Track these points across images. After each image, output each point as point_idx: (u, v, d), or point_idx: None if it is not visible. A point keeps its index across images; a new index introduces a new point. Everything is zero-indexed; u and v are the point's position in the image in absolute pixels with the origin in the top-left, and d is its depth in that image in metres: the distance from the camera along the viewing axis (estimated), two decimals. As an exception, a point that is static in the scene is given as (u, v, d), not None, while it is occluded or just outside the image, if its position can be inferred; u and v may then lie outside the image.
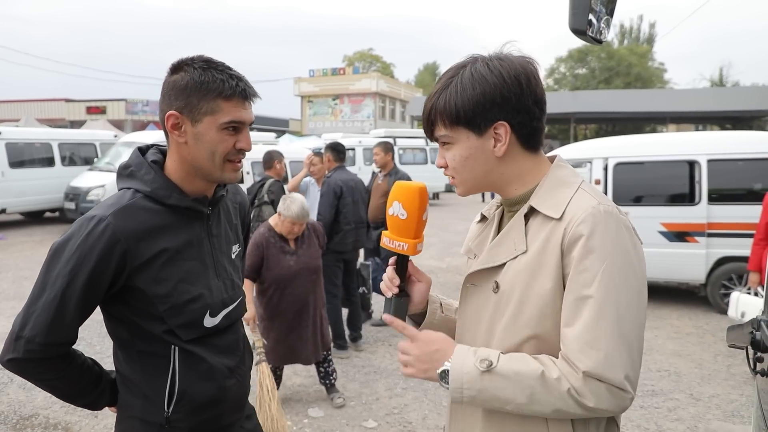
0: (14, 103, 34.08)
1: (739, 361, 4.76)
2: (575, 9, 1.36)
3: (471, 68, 1.16)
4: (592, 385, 1.03)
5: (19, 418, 3.85)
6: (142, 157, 1.45)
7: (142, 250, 1.34)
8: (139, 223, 1.34)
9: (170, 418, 1.43)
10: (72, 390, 1.45)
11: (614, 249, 1.06)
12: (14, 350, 1.31)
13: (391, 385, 4.37)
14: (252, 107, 1.43)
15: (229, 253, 1.56)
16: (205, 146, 1.37)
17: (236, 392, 1.55)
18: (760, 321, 1.81)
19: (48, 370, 1.37)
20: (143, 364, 1.43)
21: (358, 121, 36.39)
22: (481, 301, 1.23)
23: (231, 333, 1.55)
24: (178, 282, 1.39)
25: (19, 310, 1.36)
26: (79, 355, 1.46)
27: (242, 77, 1.40)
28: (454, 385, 1.10)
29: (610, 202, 1.14)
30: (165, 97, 1.39)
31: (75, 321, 1.33)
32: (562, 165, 1.23)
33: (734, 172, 6.14)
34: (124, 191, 1.40)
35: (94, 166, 13.17)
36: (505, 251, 1.18)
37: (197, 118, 1.36)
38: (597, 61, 46.13)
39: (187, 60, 1.39)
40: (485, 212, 1.37)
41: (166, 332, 1.40)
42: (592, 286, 1.05)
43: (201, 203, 1.45)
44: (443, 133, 1.20)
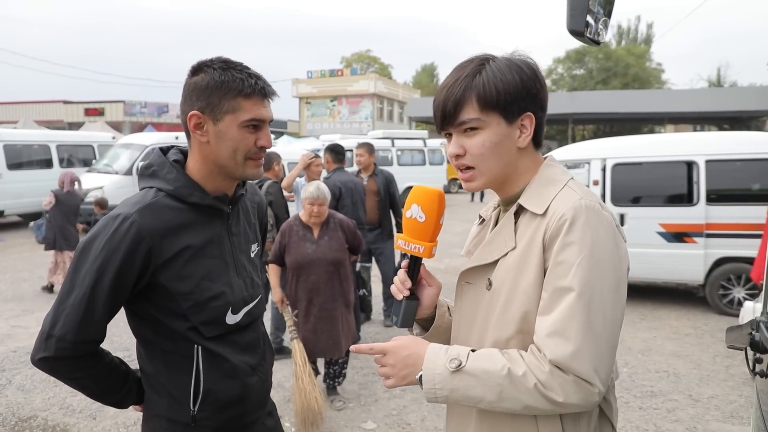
0: (12, 104, 34.04)
1: (738, 362, 4.76)
2: (573, 10, 1.36)
3: (502, 59, 1.19)
4: (559, 377, 1.03)
5: (17, 420, 3.84)
6: (164, 156, 1.48)
7: (166, 248, 1.37)
8: (163, 221, 1.37)
9: (196, 417, 1.45)
10: (101, 388, 1.47)
11: (592, 243, 1.07)
12: (45, 349, 1.33)
13: (390, 386, 4.36)
14: (271, 105, 1.47)
15: (248, 252, 1.60)
16: (227, 144, 1.40)
17: (259, 389, 1.58)
18: (759, 322, 1.81)
19: (78, 369, 1.39)
20: (167, 363, 1.45)
21: (357, 123, 36.38)
22: (476, 298, 1.24)
23: (252, 330, 1.58)
24: (201, 279, 1.42)
25: (17, 312, 1.36)
26: (107, 353, 1.48)
27: (260, 76, 1.43)
28: (427, 386, 1.12)
29: (595, 198, 1.14)
30: (186, 98, 1.42)
31: (103, 318, 1.35)
32: (552, 164, 1.25)
33: (732, 172, 6.14)
34: (146, 190, 1.43)
35: (93, 168, 13.15)
36: (497, 249, 1.20)
37: (219, 117, 1.39)
38: (595, 61, 46.20)
39: (206, 62, 1.42)
40: (483, 214, 1.38)
41: (189, 329, 1.43)
42: (567, 278, 1.06)
43: (222, 201, 1.48)
44: (472, 117, 1.16)
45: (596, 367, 1.03)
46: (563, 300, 1.05)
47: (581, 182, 1.22)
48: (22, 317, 6.17)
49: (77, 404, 4.04)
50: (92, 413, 3.91)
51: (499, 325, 1.16)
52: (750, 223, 5.91)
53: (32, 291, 7.35)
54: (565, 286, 1.06)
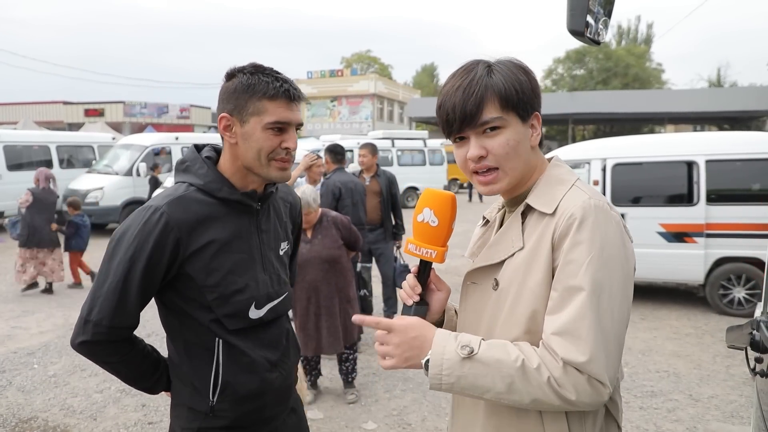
0: (12, 105, 34.05)
1: (738, 362, 4.76)
2: (573, 10, 1.36)
3: (509, 60, 1.20)
4: (572, 375, 1.03)
5: (18, 421, 3.84)
6: (197, 153, 1.55)
7: (194, 239, 1.43)
8: (191, 213, 1.43)
9: (215, 408, 1.51)
10: (134, 373, 1.55)
11: (602, 242, 1.07)
12: (83, 333, 1.41)
13: (390, 386, 4.37)
14: (299, 109, 1.50)
15: (277, 250, 1.63)
16: (252, 145, 1.45)
17: (279, 386, 1.61)
18: (759, 322, 1.81)
19: (114, 353, 1.47)
20: (190, 354, 1.52)
21: (357, 123, 36.39)
22: (482, 299, 1.23)
23: (276, 327, 1.62)
24: (227, 273, 1.47)
25: (17, 313, 1.39)
26: (140, 341, 1.56)
27: (288, 80, 1.47)
28: (434, 371, 1.08)
29: (603, 198, 1.15)
30: (219, 102, 1.49)
31: (136, 305, 1.42)
32: (559, 164, 1.25)
33: (732, 172, 6.15)
34: (179, 184, 1.50)
35: (93, 169, 13.17)
36: (504, 249, 1.20)
37: (245, 119, 1.44)
38: (595, 61, 46.21)
39: (239, 67, 1.49)
40: (487, 215, 1.38)
41: (212, 321, 1.48)
42: (577, 277, 1.05)
43: (250, 198, 1.52)
44: (495, 116, 1.14)
45: (606, 367, 1.03)
46: (574, 299, 1.05)
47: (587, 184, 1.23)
48: (22, 318, 6.17)
49: (77, 405, 4.04)
50: (92, 414, 3.91)
51: (507, 325, 1.16)
52: (750, 223, 5.91)
53: (32, 292, 7.35)
54: (575, 285, 1.05)
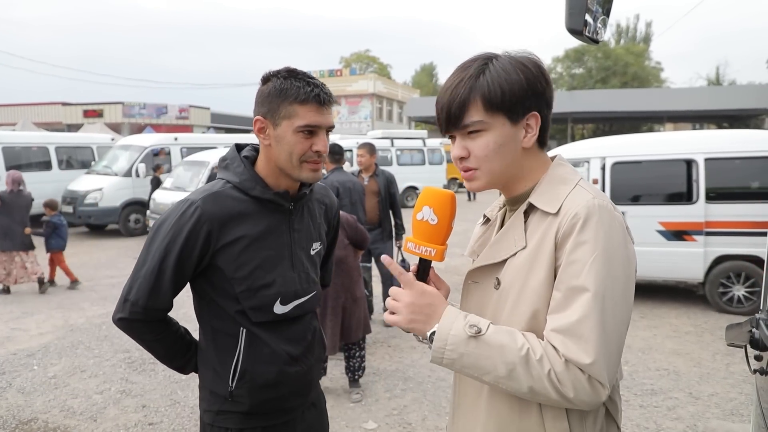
0: (11, 107, 34.00)
1: (738, 360, 4.76)
2: (572, 9, 1.36)
3: (505, 57, 1.17)
4: (573, 373, 1.03)
5: (18, 422, 3.84)
6: (237, 152, 1.62)
7: (225, 233, 1.51)
8: (224, 208, 1.51)
9: (233, 393, 1.58)
10: (167, 352, 1.66)
11: (605, 242, 1.06)
12: (122, 311, 1.53)
13: (390, 386, 4.37)
14: (330, 112, 1.55)
15: (308, 249, 1.69)
16: (284, 148, 1.51)
17: (299, 379, 1.65)
18: (759, 320, 1.81)
19: (149, 331, 1.59)
20: (216, 340, 1.60)
21: (356, 123, 36.39)
22: (483, 298, 1.23)
23: (301, 323, 1.67)
24: (255, 268, 1.54)
25: (16, 314, 1.40)
26: (174, 323, 1.67)
27: (320, 84, 1.52)
28: (438, 344, 1.09)
29: (606, 198, 1.14)
30: (255, 104, 1.55)
31: (170, 290, 1.52)
32: (562, 163, 1.24)
33: (732, 170, 6.15)
34: (217, 180, 1.59)
35: (92, 170, 13.16)
36: (506, 248, 1.19)
37: (277, 122, 1.51)
38: (594, 60, 46.24)
39: (274, 72, 1.54)
40: (488, 214, 1.37)
41: (238, 312, 1.56)
42: (581, 277, 1.05)
43: (282, 197, 1.58)
44: (477, 119, 1.14)
45: (607, 369, 1.03)
46: (577, 299, 1.05)
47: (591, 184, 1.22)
48: (22, 320, 6.16)
49: (78, 406, 4.04)
50: (92, 415, 3.91)
51: (509, 324, 1.15)
52: (749, 221, 5.92)
53: (31, 293, 7.34)
54: (579, 285, 1.05)
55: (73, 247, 10.70)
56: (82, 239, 11.74)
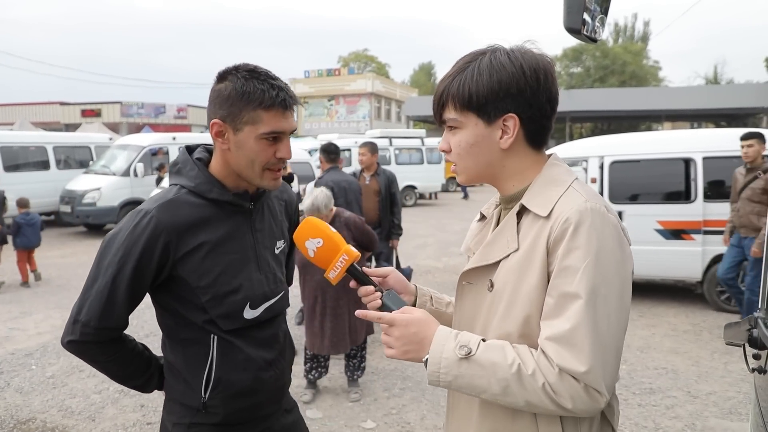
0: (9, 106, 33.96)
1: (736, 358, 4.77)
2: (570, 8, 1.35)
3: (491, 56, 1.15)
4: (568, 383, 1.02)
5: (16, 422, 3.83)
6: (189, 155, 1.54)
7: (184, 242, 1.42)
8: (181, 216, 1.43)
9: (206, 404, 1.50)
10: (124, 372, 1.57)
11: (598, 247, 1.05)
12: (72, 333, 1.43)
13: (389, 385, 4.37)
14: (294, 115, 1.48)
15: (272, 248, 1.62)
16: (246, 154, 1.44)
17: (273, 385, 1.60)
18: (758, 318, 1.81)
19: (102, 353, 1.48)
20: (185, 352, 1.52)
21: (354, 122, 36.37)
22: (477, 299, 1.22)
23: (272, 326, 1.61)
24: (220, 274, 1.46)
25: (15, 314, 1.39)
26: (130, 340, 1.57)
27: (284, 87, 1.44)
28: (432, 368, 1.10)
29: (600, 200, 1.12)
30: (210, 104, 1.46)
31: (125, 308, 1.42)
32: (556, 163, 1.23)
33: (730, 169, 6.13)
34: (171, 187, 1.50)
35: (90, 169, 13.13)
36: (499, 249, 1.18)
37: (238, 127, 1.41)
38: (592, 59, 46.28)
39: (232, 69, 1.44)
40: (484, 211, 1.36)
41: (207, 322, 1.48)
42: (573, 284, 1.04)
43: (242, 198, 1.51)
44: (452, 117, 1.18)
45: (603, 375, 1.02)
46: (570, 307, 1.04)
47: (586, 184, 1.21)
48: (20, 320, 6.15)
49: (76, 406, 4.04)
50: (91, 415, 3.90)
51: (500, 328, 1.14)
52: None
53: (30, 293, 7.34)
54: (571, 292, 1.04)
55: (71, 246, 10.70)
56: (80, 239, 11.72)
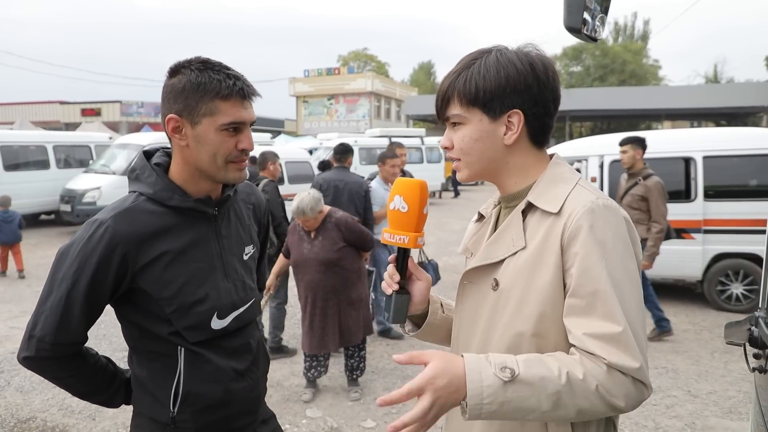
0: (8, 105, 33.93)
1: (737, 358, 4.77)
2: (570, 7, 1.35)
3: (497, 54, 1.17)
4: (618, 378, 1.01)
5: (16, 421, 3.84)
6: (146, 160, 1.46)
7: (144, 253, 1.35)
8: (140, 225, 1.36)
9: (176, 418, 1.44)
10: (86, 388, 1.50)
11: (615, 241, 1.06)
12: (28, 349, 1.37)
13: (389, 384, 4.37)
14: (252, 106, 1.42)
15: (240, 255, 1.55)
16: (206, 148, 1.37)
17: (246, 396, 1.53)
18: (758, 318, 1.81)
19: (61, 369, 1.42)
20: (151, 365, 1.45)
21: (354, 121, 36.35)
22: (479, 298, 1.22)
23: (242, 336, 1.54)
24: (184, 284, 1.39)
25: (15, 313, 1.38)
26: (92, 354, 1.50)
27: (240, 76, 1.39)
28: (473, 402, 0.98)
29: (608, 197, 1.13)
30: (164, 100, 1.40)
31: (82, 322, 1.36)
32: (560, 162, 1.23)
33: (730, 168, 6.15)
34: (129, 194, 1.43)
35: (90, 168, 13.11)
36: (503, 248, 1.18)
37: (196, 120, 1.35)
38: (591, 58, 46.25)
39: (184, 62, 1.39)
40: (482, 211, 1.36)
41: (172, 334, 1.41)
42: (599, 280, 1.04)
43: (205, 204, 1.45)
44: (456, 112, 1.18)
45: (643, 365, 1.03)
46: (599, 302, 1.04)
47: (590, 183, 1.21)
48: (20, 318, 6.15)
49: (76, 405, 4.03)
50: (91, 414, 3.90)
51: (510, 328, 1.14)
52: (748, 218, 5.92)
53: (30, 292, 7.33)
54: (597, 288, 1.04)
55: (71, 246, 10.67)
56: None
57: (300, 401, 4.09)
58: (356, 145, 18.03)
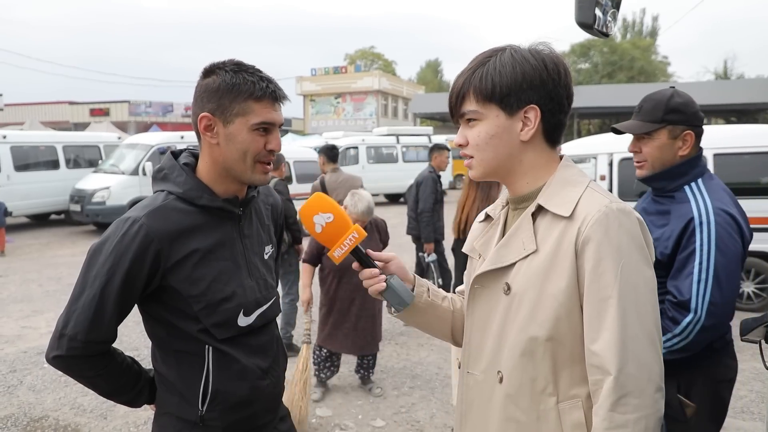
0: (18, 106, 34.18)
1: (747, 357, 4.72)
2: (582, 3, 1.35)
3: (511, 51, 1.17)
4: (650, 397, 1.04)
5: (29, 420, 3.87)
6: (175, 160, 1.50)
7: (175, 250, 1.38)
8: (172, 223, 1.39)
9: (204, 417, 1.46)
10: (112, 387, 1.51)
11: (630, 247, 1.06)
12: (58, 348, 1.37)
13: (398, 383, 4.37)
14: (282, 109, 1.47)
15: (261, 254, 1.59)
16: (237, 147, 1.41)
17: (270, 393, 1.57)
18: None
19: (90, 368, 1.42)
20: (179, 363, 1.47)
21: (361, 120, 36.36)
22: (491, 303, 1.21)
23: (265, 333, 1.58)
24: (212, 281, 1.42)
25: (26, 312, 1.39)
26: (119, 353, 1.51)
27: (272, 80, 1.44)
28: None
29: (620, 200, 1.13)
30: (198, 100, 1.43)
31: (113, 319, 1.37)
32: (569, 165, 1.22)
33: (741, 165, 6.09)
34: (158, 193, 1.45)
35: (99, 168, 13.21)
36: (514, 251, 1.17)
37: (229, 119, 1.40)
38: (600, 55, 46.02)
39: (218, 64, 1.43)
40: (490, 212, 1.35)
41: (200, 331, 1.43)
42: (612, 287, 1.05)
43: (232, 204, 1.48)
44: (472, 108, 1.18)
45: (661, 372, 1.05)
46: (611, 311, 1.04)
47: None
48: (32, 318, 6.20)
49: (88, 404, 4.06)
50: (103, 413, 3.93)
51: (525, 332, 1.13)
52: (760, 216, 5.86)
53: (41, 292, 7.39)
54: (611, 295, 1.05)
55: (81, 245, 10.76)
56: (90, 237, 11.78)
57: (310, 401, 4.09)
58: (363, 144, 18.04)
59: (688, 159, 1.94)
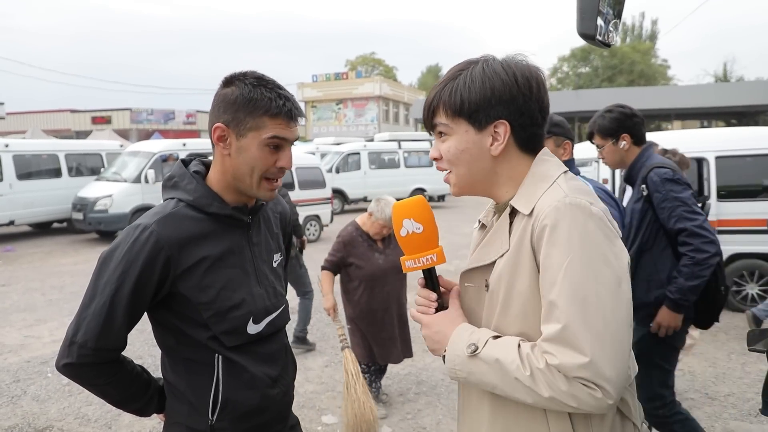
0: (20, 114, 34.32)
1: (754, 359, 4.72)
2: (584, 13, 1.35)
3: (483, 64, 1.17)
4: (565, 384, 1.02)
5: (33, 430, 3.86)
6: (185, 168, 1.50)
7: (185, 257, 1.38)
8: (182, 230, 1.39)
9: (215, 426, 1.46)
10: (122, 395, 1.50)
11: (581, 242, 1.04)
12: (68, 355, 1.36)
13: (403, 389, 4.36)
14: (297, 127, 1.47)
15: (270, 262, 1.59)
16: (246, 161, 1.41)
17: (280, 402, 1.57)
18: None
19: (100, 375, 1.42)
20: (188, 372, 1.47)
21: (362, 125, 36.40)
22: (477, 299, 1.25)
23: (274, 341, 1.58)
24: (221, 289, 1.43)
25: (29, 321, 1.39)
26: (129, 362, 1.51)
27: (291, 97, 1.43)
28: (449, 365, 1.17)
29: (584, 194, 1.10)
30: (214, 109, 1.44)
31: (124, 327, 1.37)
32: (545, 159, 1.22)
33: (743, 168, 6.10)
34: (168, 201, 1.46)
35: (101, 176, 13.23)
36: (493, 251, 1.20)
37: (242, 132, 1.40)
38: (600, 59, 46.06)
39: (239, 75, 1.43)
40: (483, 219, 1.37)
41: (210, 339, 1.43)
42: (556, 284, 1.04)
43: (241, 212, 1.49)
44: (442, 122, 1.20)
45: (606, 371, 1.01)
46: (558, 306, 1.04)
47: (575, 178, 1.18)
48: (35, 327, 6.20)
49: (92, 414, 4.06)
50: (107, 422, 3.92)
51: (501, 327, 1.16)
52: (762, 218, 5.86)
53: (44, 300, 7.39)
54: (557, 291, 1.04)
55: (83, 253, 10.78)
56: (92, 246, 11.81)
57: (315, 407, 4.09)
58: (365, 150, 18.07)
59: None
